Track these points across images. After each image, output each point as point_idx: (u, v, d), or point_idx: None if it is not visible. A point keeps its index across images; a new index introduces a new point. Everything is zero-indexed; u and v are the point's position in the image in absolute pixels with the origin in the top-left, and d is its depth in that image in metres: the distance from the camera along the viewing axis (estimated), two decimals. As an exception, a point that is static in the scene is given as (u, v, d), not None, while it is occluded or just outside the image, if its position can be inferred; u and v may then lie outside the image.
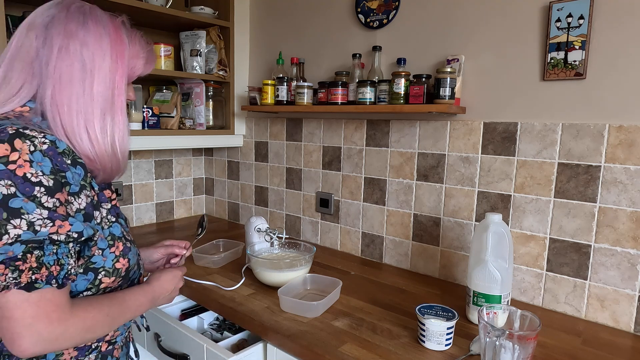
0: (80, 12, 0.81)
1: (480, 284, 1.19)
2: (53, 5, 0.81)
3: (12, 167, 0.68)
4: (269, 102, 1.84)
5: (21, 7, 1.65)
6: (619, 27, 1.20)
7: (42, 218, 0.69)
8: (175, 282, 1.01)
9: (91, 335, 0.78)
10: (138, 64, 0.88)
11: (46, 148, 0.71)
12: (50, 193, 0.70)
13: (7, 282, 0.67)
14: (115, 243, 0.84)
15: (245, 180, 2.29)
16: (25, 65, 0.78)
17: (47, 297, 0.70)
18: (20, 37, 0.79)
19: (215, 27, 2.04)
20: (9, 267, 0.67)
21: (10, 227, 0.66)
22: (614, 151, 1.23)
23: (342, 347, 1.10)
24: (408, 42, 1.62)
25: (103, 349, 0.88)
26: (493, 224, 1.18)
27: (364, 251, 1.83)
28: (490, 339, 0.93)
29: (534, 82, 1.35)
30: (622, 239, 1.23)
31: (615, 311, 1.26)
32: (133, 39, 0.87)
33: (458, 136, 1.52)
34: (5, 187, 0.67)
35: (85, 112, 0.79)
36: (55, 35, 0.78)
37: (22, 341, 0.68)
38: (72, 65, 0.78)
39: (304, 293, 1.42)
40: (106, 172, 0.84)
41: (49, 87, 0.77)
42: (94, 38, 0.80)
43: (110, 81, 0.82)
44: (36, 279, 0.69)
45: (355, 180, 1.83)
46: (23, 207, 0.68)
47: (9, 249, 0.66)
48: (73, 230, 0.72)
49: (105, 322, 0.80)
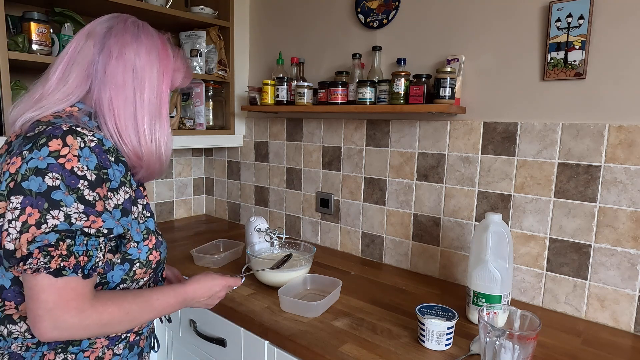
0: (134, 26, 0.90)
1: (480, 284, 1.19)
2: (112, 18, 0.91)
3: (62, 161, 0.74)
4: (269, 102, 1.84)
5: (21, 7, 1.66)
6: (619, 27, 1.20)
7: (78, 212, 0.74)
8: (214, 291, 1.02)
9: (108, 330, 0.81)
10: (179, 76, 0.96)
11: (94, 145, 0.78)
12: (92, 187, 0.76)
13: (39, 265, 0.72)
14: (149, 236, 0.90)
15: (245, 180, 2.29)
16: (81, 69, 0.86)
17: (71, 285, 0.74)
18: (78, 43, 0.87)
19: (215, 27, 2.04)
20: (42, 252, 0.72)
21: (49, 217, 0.72)
22: (614, 151, 1.23)
23: (342, 347, 1.10)
24: (408, 42, 1.62)
25: (131, 339, 0.93)
26: (493, 224, 1.18)
27: (364, 251, 1.83)
28: (490, 339, 0.93)
29: (534, 82, 1.35)
30: (622, 239, 1.23)
31: (615, 311, 1.26)
32: (176, 54, 0.96)
33: (458, 136, 1.52)
34: (51, 180, 0.73)
35: (135, 116, 0.87)
36: (112, 44, 0.86)
37: (41, 324, 0.73)
38: (126, 72, 0.86)
39: (304, 293, 1.42)
40: (149, 171, 0.91)
41: (106, 91, 0.85)
42: (145, 49, 0.88)
43: (158, 90, 0.90)
44: (64, 267, 0.73)
45: (355, 180, 1.83)
46: (62, 200, 0.73)
47: (45, 237, 0.72)
48: (104, 227, 0.78)
49: (123, 319, 0.82)
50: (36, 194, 0.72)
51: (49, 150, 0.74)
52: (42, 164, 0.73)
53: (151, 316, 0.88)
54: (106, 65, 0.85)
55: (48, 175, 0.73)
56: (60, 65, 0.86)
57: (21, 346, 0.82)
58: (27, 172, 0.73)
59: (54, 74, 0.86)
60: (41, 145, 0.74)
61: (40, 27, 1.52)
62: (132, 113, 0.86)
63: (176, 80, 0.96)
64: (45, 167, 0.73)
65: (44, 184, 0.73)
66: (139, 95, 0.87)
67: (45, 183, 0.73)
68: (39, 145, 0.74)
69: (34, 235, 0.71)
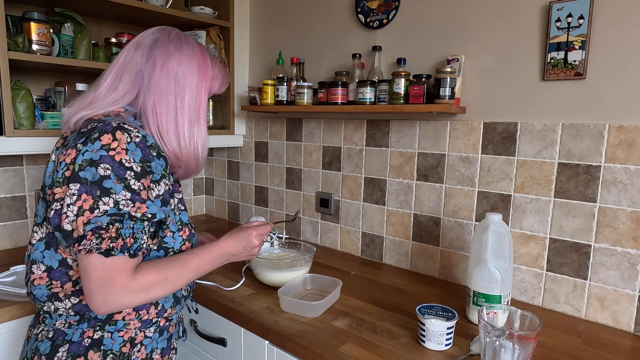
0: (177, 37, 1.00)
1: (481, 284, 1.19)
2: (157, 31, 1.01)
3: (112, 154, 0.83)
4: (269, 102, 1.84)
5: (21, 7, 1.66)
6: (619, 27, 1.20)
7: (126, 199, 0.83)
8: (247, 240, 1.08)
9: (153, 295, 0.89)
10: (216, 84, 1.05)
11: (138, 141, 0.87)
12: (137, 177, 0.85)
13: (91, 246, 0.81)
14: (183, 228, 1.00)
15: (245, 180, 2.29)
16: (130, 76, 0.96)
17: (118, 264, 0.83)
18: (128, 53, 0.98)
19: (215, 27, 2.04)
20: (94, 234, 0.81)
21: (101, 203, 0.82)
22: (614, 151, 1.23)
23: (342, 347, 1.10)
24: (408, 42, 1.62)
25: (161, 324, 1.01)
26: (493, 224, 1.18)
27: (364, 251, 1.83)
28: (490, 339, 0.93)
29: (534, 82, 1.35)
30: (622, 238, 1.23)
31: (615, 311, 1.26)
32: (214, 63, 1.04)
33: (458, 136, 1.52)
34: (103, 170, 0.82)
35: (176, 120, 0.97)
36: (157, 54, 0.96)
37: (94, 300, 0.83)
38: (169, 80, 0.96)
39: (304, 293, 1.42)
40: (186, 170, 1.02)
41: (151, 97, 0.95)
42: (187, 59, 0.98)
43: (197, 96, 0.99)
44: (113, 247, 0.82)
45: (355, 180, 1.83)
46: (113, 188, 0.82)
47: (98, 220, 0.81)
48: (149, 212, 0.87)
49: (164, 283, 0.91)
50: (90, 182, 0.82)
51: (101, 144, 0.83)
52: (95, 156, 0.82)
53: (190, 276, 0.96)
54: (151, 73, 0.95)
55: (100, 166, 0.82)
56: (112, 74, 0.97)
57: (64, 323, 0.92)
58: (83, 163, 0.82)
59: (105, 81, 0.97)
60: (94, 139, 0.84)
61: (40, 27, 1.52)
62: (174, 117, 0.96)
63: (214, 86, 1.05)
64: (98, 158, 0.82)
65: (97, 174, 0.82)
66: (180, 101, 0.96)
67: (98, 173, 0.82)
68: (93, 139, 0.84)
69: (89, 218, 0.81)
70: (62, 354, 0.90)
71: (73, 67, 1.67)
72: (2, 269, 1.50)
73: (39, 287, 0.91)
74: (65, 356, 0.90)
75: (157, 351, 1.00)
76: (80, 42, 1.65)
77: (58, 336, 0.92)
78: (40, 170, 1.86)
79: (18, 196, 1.82)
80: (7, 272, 1.46)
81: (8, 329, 1.29)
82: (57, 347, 0.91)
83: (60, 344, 0.91)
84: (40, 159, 1.86)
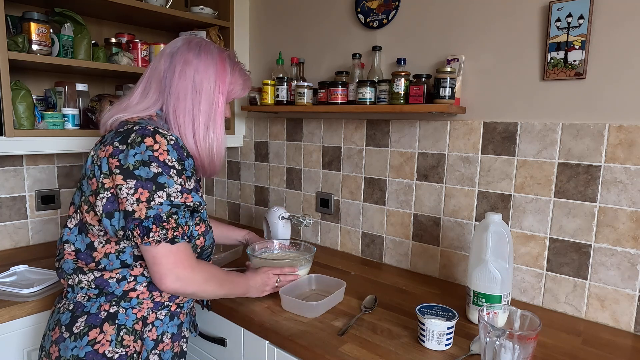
0: (197, 46, 1.07)
1: (481, 283, 1.19)
2: (180, 39, 1.09)
3: (156, 154, 0.94)
4: (269, 102, 1.84)
5: (21, 7, 1.66)
6: (619, 27, 1.20)
7: (177, 192, 0.95)
8: (264, 279, 1.28)
9: (205, 286, 1.04)
10: (236, 88, 1.12)
11: (173, 143, 0.97)
12: (178, 174, 0.96)
13: (160, 237, 0.93)
14: (201, 223, 1.07)
15: (245, 180, 2.29)
16: (157, 83, 1.06)
17: (182, 249, 0.98)
18: (155, 62, 1.08)
19: (215, 27, 2.04)
20: (159, 227, 0.93)
21: (156, 196, 0.93)
22: (614, 151, 1.23)
23: (342, 347, 1.10)
24: (408, 42, 1.62)
25: (172, 309, 1.08)
26: (493, 224, 1.18)
27: (364, 251, 1.83)
28: (490, 339, 0.93)
29: (534, 82, 1.35)
30: (622, 238, 1.23)
31: (615, 311, 1.26)
32: (234, 68, 1.11)
33: (458, 136, 1.52)
34: (155, 168, 0.93)
35: (193, 123, 1.05)
36: (177, 62, 1.05)
37: (166, 280, 0.96)
38: (187, 86, 1.04)
39: (309, 293, 1.42)
40: (204, 169, 1.11)
41: (172, 102, 1.05)
42: (204, 66, 1.05)
43: (213, 100, 1.07)
44: (176, 236, 0.96)
45: (355, 180, 1.83)
46: (166, 183, 0.94)
47: (159, 207, 0.92)
48: (195, 200, 0.98)
49: (215, 282, 1.07)
50: (145, 179, 0.92)
51: (146, 146, 0.93)
52: (145, 157, 0.93)
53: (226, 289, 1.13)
54: (171, 80, 1.04)
55: (152, 165, 0.93)
56: (142, 82, 1.08)
57: (84, 296, 1.01)
58: (136, 164, 0.92)
59: (136, 88, 1.08)
60: (139, 142, 0.94)
61: (40, 27, 1.52)
62: (191, 120, 1.05)
63: (233, 91, 1.12)
64: (147, 159, 0.93)
65: (150, 172, 0.93)
66: (197, 106, 1.05)
67: (151, 171, 0.93)
68: (137, 142, 0.94)
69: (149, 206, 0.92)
70: (80, 324, 0.99)
71: (73, 67, 1.67)
72: (2, 269, 1.50)
73: (67, 261, 1.03)
74: (83, 326, 0.99)
75: (168, 335, 1.06)
76: (80, 42, 1.64)
77: (78, 308, 1.01)
78: (40, 170, 1.86)
79: (18, 196, 1.82)
80: (7, 272, 1.46)
81: (8, 329, 1.29)
82: (76, 317, 1.00)
83: (79, 315, 1.00)
84: (40, 159, 1.86)
